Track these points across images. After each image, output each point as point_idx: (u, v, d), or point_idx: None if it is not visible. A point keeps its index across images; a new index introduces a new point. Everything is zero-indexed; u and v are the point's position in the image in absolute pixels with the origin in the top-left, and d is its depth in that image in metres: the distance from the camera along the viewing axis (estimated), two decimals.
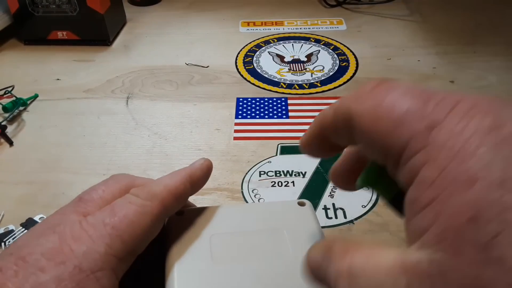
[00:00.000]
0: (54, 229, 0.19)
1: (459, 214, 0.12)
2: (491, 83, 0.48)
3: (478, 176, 0.12)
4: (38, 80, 0.51)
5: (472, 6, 0.65)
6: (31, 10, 0.55)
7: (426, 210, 0.13)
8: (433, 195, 0.13)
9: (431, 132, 0.14)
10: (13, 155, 0.40)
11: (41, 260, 0.18)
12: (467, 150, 0.13)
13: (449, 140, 0.13)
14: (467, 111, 0.13)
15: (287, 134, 0.41)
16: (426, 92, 0.15)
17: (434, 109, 0.14)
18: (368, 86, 0.16)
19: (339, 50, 0.55)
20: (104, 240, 0.19)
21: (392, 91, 0.15)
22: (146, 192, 0.22)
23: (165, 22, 0.64)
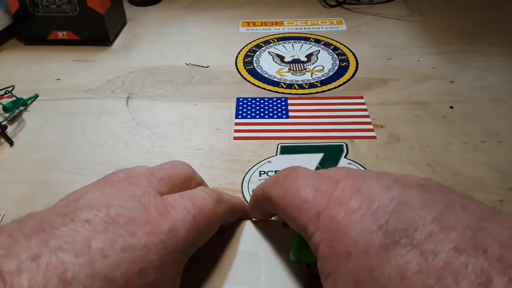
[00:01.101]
0: (139, 198, 0.19)
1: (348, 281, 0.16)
2: (491, 83, 0.48)
3: (351, 250, 0.16)
4: (38, 80, 0.51)
5: (472, 6, 0.65)
6: (31, 10, 0.55)
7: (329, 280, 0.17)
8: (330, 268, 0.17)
9: (319, 218, 0.18)
10: (13, 155, 0.40)
11: (130, 225, 0.18)
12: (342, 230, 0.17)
13: (331, 223, 0.18)
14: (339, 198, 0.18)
15: (287, 134, 0.41)
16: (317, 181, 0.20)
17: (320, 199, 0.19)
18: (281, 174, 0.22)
19: (339, 50, 0.55)
20: (185, 224, 0.20)
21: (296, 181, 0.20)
22: (216, 194, 0.23)
23: (165, 22, 0.64)
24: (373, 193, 0.18)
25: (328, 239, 0.18)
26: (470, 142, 0.40)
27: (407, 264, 0.15)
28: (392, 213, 0.17)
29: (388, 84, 0.48)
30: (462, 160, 0.38)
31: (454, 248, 0.14)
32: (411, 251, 0.15)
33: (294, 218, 0.20)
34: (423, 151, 0.39)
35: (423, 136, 0.40)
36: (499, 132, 0.41)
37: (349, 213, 0.17)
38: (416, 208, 0.16)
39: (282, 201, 0.21)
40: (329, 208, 0.18)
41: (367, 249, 0.16)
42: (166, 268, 0.18)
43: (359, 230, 0.17)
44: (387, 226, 0.16)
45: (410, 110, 0.44)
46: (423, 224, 0.16)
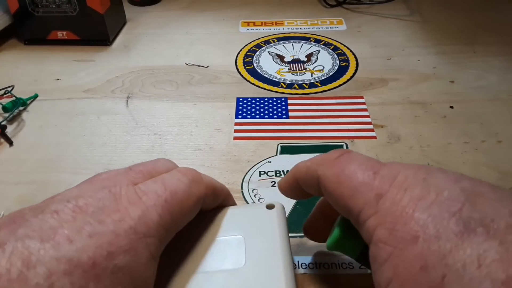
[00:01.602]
0: (109, 188, 0.20)
1: (412, 265, 0.15)
2: (491, 83, 0.48)
3: (419, 234, 0.16)
4: (38, 80, 0.51)
5: (472, 6, 0.65)
6: (31, 10, 0.55)
7: (386, 265, 0.16)
8: (388, 252, 0.16)
9: (379, 201, 0.18)
10: (13, 155, 0.40)
11: (99, 213, 0.18)
12: (407, 214, 0.16)
13: (392, 207, 0.17)
14: (402, 183, 0.18)
15: (287, 134, 0.41)
16: (376, 165, 0.19)
17: (380, 182, 0.18)
18: (333, 155, 0.21)
19: (339, 50, 0.55)
20: (157, 210, 0.19)
21: (351, 163, 0.20)
22: (193, 174, 0.22)
23: (165, 22, 0.64)
24: (442, 183, 0.17)
25: (389, 223, 0.17)
26: (470, 142, 0.40)
27: (485, 252, 0.14)
28: (465, 202, 0.16)
29: (388, 84, 0.48)
30: (462, 160, 0.38)
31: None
32: (489, 239, 0.15)
33: (347, 200, 0.19)
34: (423, 151, 0.39)
35: (423, 136, 0.40)
36: (499, 132, 0.40)
37: (415, 199, 0.17)
38: (491, 200, 0.16)
39: (335, 180, 0.20)
40: (392, 191, 0.17)
41: (438, 235, 0.15)
42: (137, 252, 0.18)
43: (427, 216, 0.16)
44: (460, 214, 0.16)
45: (410, 110, 0.44)
46: (500, 215, 0.15)
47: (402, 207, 0.17)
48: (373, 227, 0.17)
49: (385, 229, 0.17)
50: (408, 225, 0.16)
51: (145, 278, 0.18)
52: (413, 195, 0.17)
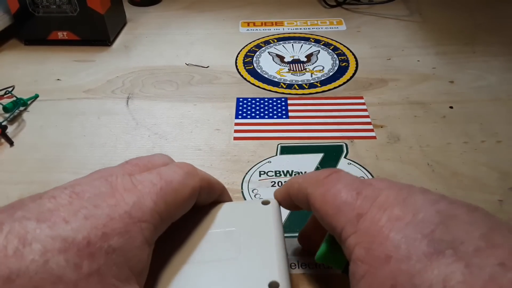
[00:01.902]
0: (106, 178, 0.20)
1: (384, 283, 0.16)
2: (490, 83, 0.48)
3: (392, 254, 0.17)
4: (38, 80, 0.51)
5: (472, 6, 0.65)
6: (31, 10, 0.55)
7: (362, 281, 0.17)
8: (365, 270, 0.17)
9: (359, 220, 0.18)
10: (14, 155, 0.40)
11: (95, 199, 0.19)
12: (383, 234, 0.17)
13: (371, 227, 0.18)
14: (383, 204, 0.18)
15: (287, 134, 0.41)
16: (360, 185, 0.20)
17: (362, 202, 0.19)
18: (322, 174, 0.22)
19: (339, 50, 0.55)
20: (151, 197, 0.20)
21: (337, 183, 0.21)
22: (189, 167, 0.23)
23: (165, 22, 0.64)
24: (419, 205, 0.18)
25: (366, 242, 0.18)
26: (470, 142, 0.40)
27: (451, 273, 0.15)
28: (438, 224, 0.17)
29: (388, 84, 0.48)
30: (462, 160, 0.38)
31: (500, 264, 0.15)
32: (456, 261, 0.15)
33: (331, 218, 0.20)
34: (423, 151, 0.39)
35: (423, 136, 0.41)
36: (499, 132, 0.41)
37: (392, 220, 0.18)
38: (464, 223, 0.17)
39: (321, 199, 0.21)
40: (372, 211, 0.18)
41: (409, 255, 0.16)
42: (131, 235, 0.18)
43: (401, 237, 0.17)
44: (432, 236, 0.16)
45: (410, 110, 0.44)
46: (470, 238, 0.16)
47: (379, 227, 0.18)
48: (352, 245, 0.18)
49: (363, 248, 0.18)
50: (383, 245, 0.17)
51: (139, 260, 0.19)
52: (391, 215, 0.18)
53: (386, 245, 0.17)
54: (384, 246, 0.17)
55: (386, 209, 0.18)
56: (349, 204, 0.19)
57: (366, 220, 0.18)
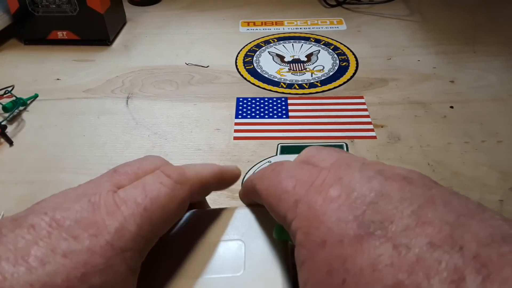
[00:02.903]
0: (89, 198, 0.19)
1: (320, 269, 0.16)
2: (491, 83, 0.48)
3: (326, 238, 0.16)
4: (38, 80, 0.51)
5: (472, 6, 0.65)
6: (31, 10, 0.55)
7: (303, 267, 0.17)
8: (304, 255, 0.17)
9: (297, 205, 0.18)
10: (13, 155, 0.40)
11: (75, 227, 0.18)
12: (318, 218, 0.17)
13: (308, 211, 0.18)
14: (319, 186, 0.18)
15: (287, 134, 0.41)
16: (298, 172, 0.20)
17: (299, 188, 0.19)
18: (269, 168, 0.22)
19: (339, 50, 0.55)
20: (135, 219, 0.19)
21: (279, 174, 0.21)
22: (178, 173, 0.22)
23: (165, 22, 0.64)
24: (354, 183, 0.18)
25: (305, 227, 0.18)
26: (470, 142, 0.40)
27: (379, 256, 0.15)
28: (369, 204, 0.16)
29: (388, 84, 0.48)
30: (463, 160, 0.38)
31: (429, 243, 0.14)
32: (384, 243, 0.15)
33: (274, 208, 0.20)
34: (423, 151, 0.39)
35: (423, 136, 0.40)
36: (499, 132, 0.40)
37: (327, 202, 0.17)
38: (395, 200, 0.16)
39: (265, 192, 0.21)
40: (308, 196, 0.18)
41: (341, 239, 0.16)
42: (114, 269, 0.18)
43: (335, 219, 0.17)
44: (363, 217, 0.16)
45: (410, 110, 0.44)
46: (400, 217, 0.15)
47: (315, 211, 0.17)
48: (294, 231, 0.18)
49: (302, 232, 0.18)
50: (319, 229, 0.17)
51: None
52: (326, 197, 0.18)
53: (321, 229, 0.17)
54: (319, 230, 0.17)
55: (322, 191, 0.18)
56: (288, 192, 0.19)
57: (304, 205, 0.18)
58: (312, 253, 0.17)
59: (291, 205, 0.19)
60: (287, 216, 0.19)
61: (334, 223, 0.16)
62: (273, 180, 0.21)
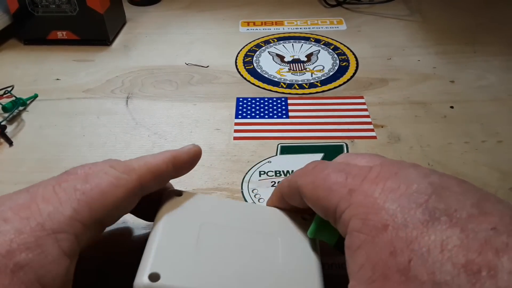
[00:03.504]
0: (28, 189, 0.20)
1: (382, 250, 0.17)
2: (491, 83, 0.48)
3: (389, 222, 0.17)
4: (37, 80, 0.51)
5: (473, 6, 0.65)
6: (30, 10, 0.55)
7: (359, 251, 0.18)
8: (362, 239, 0.18)
9: (352, 195, 0.19)
10: (13, 155, 0.40)
11: (7, 212, 0.18)
12: (378, 205, 0.18)
13: (364, 199, 0.18)
14: (374, 178, 0.19)
15: (287, 134, 0.41)
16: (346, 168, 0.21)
17: (353, 179, 0.20)
18: (309, 166, 0.23)
19: (339, 50, 0.55)
20: (71, 204, 0.19)
21: (325, 169, 0.21)
22: (123, 165, 0.22)
23: (165, 22, 0.64)
24: (412, 178, 0.18)
25: (361, 213, 0.18)
26: (471, 142, 0.39)
27: (447, 238, 0.15)
28: (431, 194, 0.17)
29: (388, 84, 0.48)
30: (463, 160, 0.38)
31: (493, 228, 0.15)
32: (451, 227, 0.16)
33: (323, 200, 0.20)
34: (423, 151, 0.39)
35: (423, 136, 0.40)
36: (500, 132, 0.40)
37: (385, 192, 0.18)
38: (455, 193, 0.17)
39: (311, 186, 0.21)
40: (364, 186, 0.19)
41: (406, 223, 0.17)
42: (43, 249, 0.18)
43: (397, 206, 0.17)
44: (427, 204, 0.17)
45: (410, 110, 0.44)
46: (463, 206, 0.17)
47: (374, 199, 0.18)
48: (348, 219, 0.19)
49: (359, 219, 0.18)
50: (379, 215, 0.17)
51: (56, 275, 0.18)
52: (384, 188, 0.18)
53: (382, 215, 0.17)
54: (380, 216, 0.17)
55: (379, 183, 0.19)
56: (340, 183, 0.20)
57: (360, 194, 0.19)
58: (372, 237, 0.17)
59: (345, 194, 0.19)
60: (340, 205, 0.19)
61: (396, 210, 0.17)
62: (320, 173, 0.21)
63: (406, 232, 0.16)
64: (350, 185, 0.19)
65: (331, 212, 0.20)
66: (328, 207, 0.20)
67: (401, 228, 0.17)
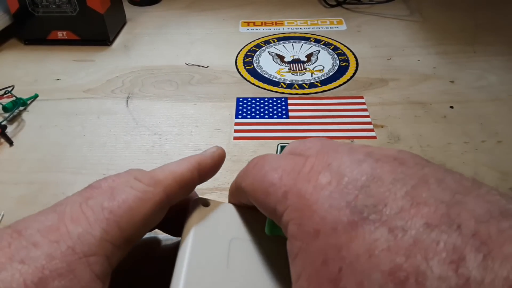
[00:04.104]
0: (55, 208, 0.19)
1: (315, 259, 0.15)
2: (491, 83, 0.48)
3: (320, 227, 0.16)
4: (38, 80, 0.51)
5: (473, 6, 0.65)
6: (31, 10, 0.55)
7: (296, 260, 0.16)
8: (298, 247, 0.16)
9: (287, 197, 0.18)
10: (13, 155, 0.40)
11: (35, 235, 0.18)
12: (310, 208, 0.16)
13: (299, 201, 0.17)
14: (307, 174, 0.17)
15: (287, 134, 0.41)
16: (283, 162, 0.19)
17: (286, 179, 0.18)
18: (250, 164, 0.22)
19: (339, 50, 0.55)
20: (100, 224, 0.19)
21: (263, 168, 0.20)
22: (149, 177, 0.21)
23: (165, 22, 0.64)
24: (344, 168, 0.17)
25: (297, 217, 0.17)
26: (470, 142, 0.40)
27: (375, 241, 0.14)
28: (361, 188, 0.16)
29: (388, 84, 0.48)
30: (462, 160, 0.38)
31: (425, 224, 0.14)
32: (379, 227, 0.14)
33: (262, 202, 0.19)
34: (423, 151, 0.39)
35: (423, 136, 0.40)
36: (499, 132, 0.40)
37: (317, 189, 0.17)
38: (387, 183, 0.16)
39: (251, 188, 0.20)
40: (297, 185, 0.18)
41: (335, 226, 0.15)
42: (76, 274, 0.17)
43: (327, 207, 0.16)
44: (356, 202, 0.15)
45: (410, 110, 0.44)
46: (393, 199, 0.15)
47: (306, 200, 0.17)
48: (286, 223, 0.17)
49: (294, 224, 0.17)
50: (311, 219, 0.16)
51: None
52: (316, 184, 0.17)
53: (314, 219, 0.16)
54: (312, 220, 0.16)
55: (311, 179, 0.17)
56: (274, 184, 0.19)
57: (293, 195, 0.17)
58: (306, 244, 0.16)
59: (280, 197, 0.18)
60: (277, 209, 0.18)
61: (326, 211, 0.16)
62: (257, 174, 0.20)
63: (336, 237, 0.15)
64: (284, 186, 0.18)
65: (272, 215, 0.19)
66: (269, 210, 0.19)
67: (330, 233, 0.15)
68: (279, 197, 0.18)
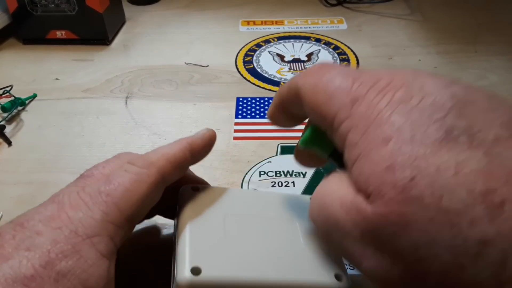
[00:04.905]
0: (53, 199, 0.20)
1: (377, 164, 0.15)
2: (492, 83, 0.47)
3: (392, 136, 0.15)
4: (36, 79, 0.51)
5: (473, 5, 0.64)
6: (29, 9, 0.54)
7: (354, 167, 0.16)
8: (358, 153, 0.16)
9: (354, 104, 0.17)
10: (12, 155, 0.40)
11: (38, 225, 0.18)
12: (382, 118, 0.15)
13: (367, 111, 0.16)
14: (383, 88, 0.16)
15: (287, 134, 0.41)
16: (355, 73, 0.18)
17: (358, 87, 0.17)
18: (314, 67, 0.20)
19: (339, 50, 0.55)
20: (100, 207, 0.19)
21: (330, 72, 0.18)
22: (142, 160, 0.22)
23: (164, 21, 0.63)
24: (429, 88, 0.15)
25: (361, 125, 0.16)
26: None
27: (465, 160, 0.13)
28: (451, 109, 0.14)
29: None
30: None
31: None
32: (472, 149, 0.13)
33: (321, 106, 0.18)
34: None
35: None
36: None
37: (394, 104, 0.15)
38: (483, 109, 0.14)
39: (312, 89, 0.19)
40: (369, 96, 0.16)
41: (413, 138, 0.14)
42: (82, 254, 0.18)
43: (405, 120, 0.15)
44: (444, 121, 0.14)
45: None
46: (489, 126, 0.14)
47: (377, 111, 0.16)
48: (346, 131, 0.16)
49: (357, 132, 0.16)
50: (381, 128, 0.15)
51: (98, 277, 0.18)
52: (393, 98, 0.16)
53: (384, 128, 0.15)
54: (381, 129, 0.15)
55: (387, 93, 0.16)
56: (343, 90, 0.17)
57: (362, 104, 0.16)
58: (369, 150, 0.15)
59: (346, 103, 0.17)
60: (339, 115, 0.17)
61: (404, 124, 0.15)
62: (324, 76, 0.18)
63: (411, 147, 0.14)
64: (354, 93, 0.17)
65: (328, 121, 0.18)
66: (326, 115, 0.18)
67: (406, 143, 0.14)
68: (345, 102, 0.17)
